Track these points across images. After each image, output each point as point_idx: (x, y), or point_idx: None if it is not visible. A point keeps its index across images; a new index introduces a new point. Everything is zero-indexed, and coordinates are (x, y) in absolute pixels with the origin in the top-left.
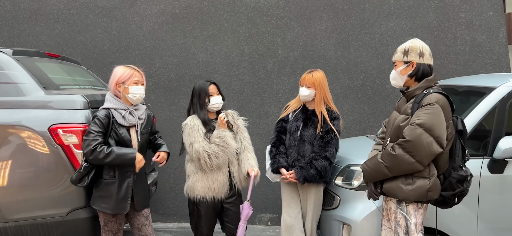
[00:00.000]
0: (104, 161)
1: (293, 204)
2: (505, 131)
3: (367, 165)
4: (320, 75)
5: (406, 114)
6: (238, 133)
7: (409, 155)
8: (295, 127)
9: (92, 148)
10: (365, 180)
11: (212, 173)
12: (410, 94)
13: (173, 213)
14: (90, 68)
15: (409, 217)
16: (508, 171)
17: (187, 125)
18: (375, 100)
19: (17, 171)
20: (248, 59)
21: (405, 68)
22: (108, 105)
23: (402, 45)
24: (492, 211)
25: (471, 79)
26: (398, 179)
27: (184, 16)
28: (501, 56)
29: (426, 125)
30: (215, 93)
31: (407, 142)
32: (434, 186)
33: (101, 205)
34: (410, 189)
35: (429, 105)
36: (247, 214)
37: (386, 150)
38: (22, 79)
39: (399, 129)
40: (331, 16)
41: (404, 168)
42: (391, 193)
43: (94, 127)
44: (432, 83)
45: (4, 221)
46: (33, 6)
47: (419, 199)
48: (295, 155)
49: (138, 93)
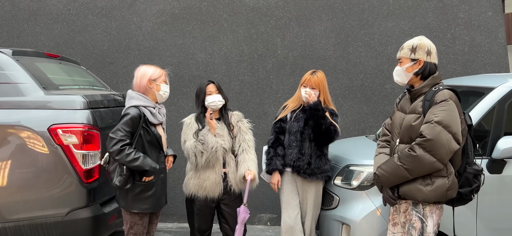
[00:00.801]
0: (128, 164)
1: (293, 205)
2: (504, 131)
3: (383, 169)
4: (322, 76)
5: (417, 113)
6: (238, 135)
7: (429, 154)
8: (296, 127)
9: (120, 148)
10: (384, 185)
11: (204, 172)
12: (416, 93)
13: (172, 213)
14: (89, 68)
15: (425, 219)
16: (507, 171)
17: (184, 122)
18: (374, 100)
19: (16, 171)
20: (247, 60)
21: (412, 66)
22: (137, 103)
23: (409, 42)
24: (491, 211)
25: (470, 80)
26: (416, 180)
27: (184, 16)
28: (500, 57)
29: (444, 122)
30: (214, 92)
31: (427, 141)
32: (453, 184)
33: (141, 207)
34: (430, 189)
35: (444, 102)
36: (243, 218)
37: (404, 152)
38: (22, 79)
39: (411, 128)
40: (330, 17)
41: (425, 169)
42: (410, 196)
43: (125, 127)
44: (437, 80)
45: (4, 221)
46: (33, 7)
47: (439, 199)
48: (296, 154)
49: (167, 91)
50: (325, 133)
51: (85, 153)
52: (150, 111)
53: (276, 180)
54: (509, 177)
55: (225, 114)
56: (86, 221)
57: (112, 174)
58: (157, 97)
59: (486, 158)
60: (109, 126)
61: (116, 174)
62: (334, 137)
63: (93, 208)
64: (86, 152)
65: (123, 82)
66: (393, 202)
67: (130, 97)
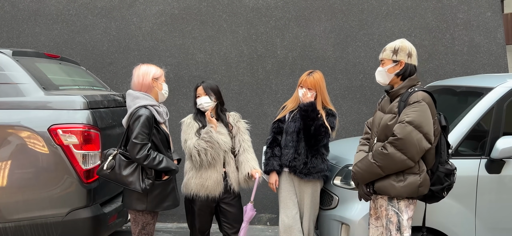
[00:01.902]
0: (156, 167)
1: (290, 205)
2: (503, 131)
3: (358, 166)
4: (319, 76)
5: (393, 113)
6: (238, 135)
7: (400, 153)
8: (293, 127)
9: (146, 153)
10: (358, 181)
11: (205, 171)
12: (395, 94)
13: (171, 213)
14: (89, 69)
15: (400, 213)
16: (506, 171)
17: (184, 122)
18: (373, 100)
19: (16, 171)
20: (247, 60)
21: (393, 67)
22: (145, 103)
23: (391, 44)
24: (490, 211)
25: (468, 80)
26: (389, 177)
27: (183, 17)
28: (499, 57)
29: (415, 122)
30: (202, 94)
31: (398, 140)
32: (425, 181)
33: (164, 205)
34: (402, 185)
35: (417, 103)
36: (250, 216)
37: (377, 150)
38: (22, 79)
39: (387, 128)
40: (329, 17)
41: (396, 166)
42: (384, 191)
43: (145, 129)
44: (414, 82)
45: (4, 221)
46: (33, 7)
47: (411, 195)
48: (292, 154)
49: (167, 91)
50: (313, 134)
51: (85, 153)
52: (157, 111)
53: (273, 180)
54: (508, 177)
55: (222, 114)
56: (86, 221)
57: (129, 178)
58: (159, 96)
59: (485, 158)
60: (109, 126)
61: (140, 178)
62: (324, 139)
63: (93, 208)
64: (86, 152)
65: (123, 82)
66: (368, 198)
67: (135, 97)
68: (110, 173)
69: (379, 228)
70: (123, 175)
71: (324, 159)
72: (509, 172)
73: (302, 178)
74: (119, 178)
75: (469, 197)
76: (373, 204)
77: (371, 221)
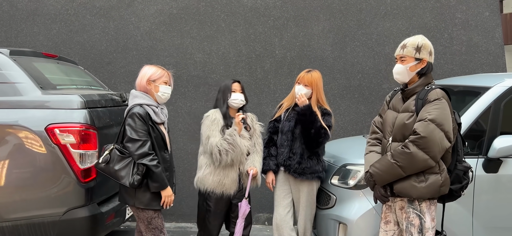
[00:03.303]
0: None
1: (283, 204)
2: (500, 131)
3: (377, 167)
4: (317, 75)
5: (410, 111)
6: (253, 136)
7: (423, 152)
8: (287, 126)
9: (146, 151)
10: (377, 183)
11: (224, 169)
12: (411, 92)
13: (170, 212)
14: (87, 68)
15: (423, 215)
16: (503, 170)
17: (208, 117)
18: (371, 100)
19: (14, 171)
20: (245, 60)
21: (416, 65)
22: (140, 101)
23: (412, 40)
24: (487, 210)
25: (466, 79)
26: (410, 177)
27: (182, 16)
28: (497, 57)
29: (437, 120)
30: (238, 90)
31: (421, 138)
32: (446, 180)
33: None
34: (424, 186)
35: (437, 101)
36: (244, 211)
37: (398, 149)
38: (19, 79)
39: (404, 127)
40: (328, 17)
41: (418, 166)
42: (404, 193)
43: (141, 127)
44: (430, 79)
45: (1, 221)
46: (31, 7)
47: (433, 195)
48: (287, 154)
49: (166, 93)
50: (314, 138)
51: (83, 152)
52: (153, 111)
53: (270, 179)
54: (505, 176)
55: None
56: (84, 221)
57: (121, 172)
58: (156, 98)
59: (482, 157)
60: (106, 125)
61: (130, 173)
62: (324, 141)
63: (91, 208)
64: (84, 152)
65: (121, 82)
66: (385, 200)
67: (134, 96)
68: (105, 166)
69: (388, 232)
70: (115, 169)
71: (319, 160)
72: (506, 171)
73: (296, 178)
74: (112, 172)
75: (467, 196)
76: (386, 207)
77: (381, 225)
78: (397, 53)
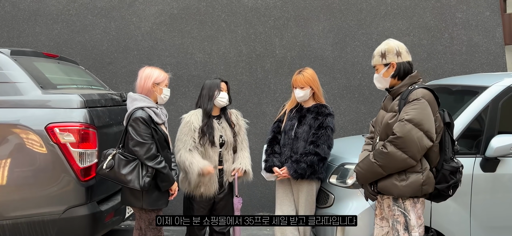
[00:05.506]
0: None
1: (286, 202)
2: (497, 130)
3: (360, 166)
4: (310, 72)
5: (393, 111)
6: (240, 133)
7: (401, 151)
8: (289, 126)
9: (154, 153)
10: (360, 182)
11: None
12: (396, 92)
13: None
14: (89, 68)
15: (407, 213)
16: (500, 170)
17: (183, 118)
18: (371, 100)
19: (14, 170)
20: (245, 60)
21: (387, 70)
22: (142, 104)
23: (378, 48)
24: (485, 210)
25: (464, 79)
26: (392, 176)
27: (182, 16)
28: (498, 56)
29: (415, 120)
30: (224, 90)
31: (398, 138)
32: (428, 179)
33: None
34: (404, 184)
35: (416, 101)
36: (237, 208)
37: (378, 149)
38: (20, 78)
39: (388, 126)
40: (328, 17)
41: (397, 165)
42: (386, 191)
43: (145, 130)
44: (416, 79)
45: (1, 219)
46: (33, 7)
47: (414, 194)
48: (289, 153)
49: (168, 95)
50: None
51: (82, 151)
52: (154, 112)
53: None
54: (503, 176)
55: (226, 112)
56: (83, 219)
57: (128, 176)
58: (158, 100)
59: (480, 156)
60: (106, 124)
61: (139, 176)
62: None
63: (90, 206)
64: (83, 151)
65: (122, 82)
66: (374, 197)
67: (133, 99)
68: (109, 172)
69: (384, 228)
70: (122, 174)
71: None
72: (503, 171)
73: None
74: (118, 177)
75: (464, 196)
76: (378, 204)
77: (376, 221)
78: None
